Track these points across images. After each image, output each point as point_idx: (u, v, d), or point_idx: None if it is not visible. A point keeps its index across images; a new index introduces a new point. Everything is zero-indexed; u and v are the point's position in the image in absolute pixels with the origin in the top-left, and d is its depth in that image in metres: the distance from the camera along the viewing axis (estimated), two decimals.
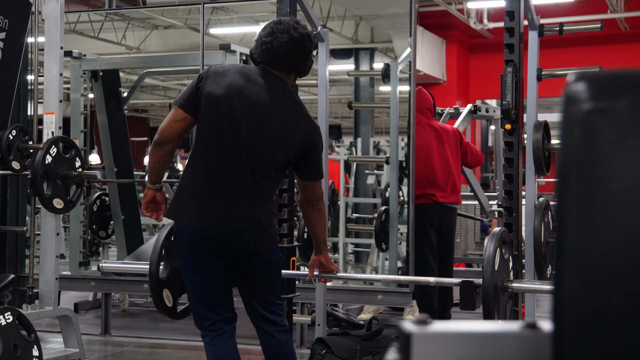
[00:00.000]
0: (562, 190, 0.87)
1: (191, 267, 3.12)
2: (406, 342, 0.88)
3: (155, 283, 3.36)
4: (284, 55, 3.07)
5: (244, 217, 3.04)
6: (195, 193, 3.04)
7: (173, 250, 3.46)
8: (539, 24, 4.51)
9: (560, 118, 0.89)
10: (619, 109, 0.86)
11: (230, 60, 5.89)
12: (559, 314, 0.87)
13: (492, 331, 0.91)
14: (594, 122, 0.86)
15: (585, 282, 0.86)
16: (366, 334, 4.35)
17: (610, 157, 0.86)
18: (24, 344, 3.91)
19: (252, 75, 3.09)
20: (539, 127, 4.24)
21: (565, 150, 0.87)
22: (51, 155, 4.31)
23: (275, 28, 3.08)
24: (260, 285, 3.23)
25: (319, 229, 3.32)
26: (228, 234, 3.05)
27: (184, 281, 3.20)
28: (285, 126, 3.06)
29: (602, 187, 0.86)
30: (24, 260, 5.43)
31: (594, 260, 0.86)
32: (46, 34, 4.63)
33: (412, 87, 4.91)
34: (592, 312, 0.86)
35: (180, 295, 3.50)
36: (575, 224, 0.87)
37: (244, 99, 3.03)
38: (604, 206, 0.86)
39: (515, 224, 4.24)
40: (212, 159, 3.03)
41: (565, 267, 0.86)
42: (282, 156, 3.08)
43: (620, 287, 0.85)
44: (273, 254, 3.22)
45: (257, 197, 3.05)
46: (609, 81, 0.90)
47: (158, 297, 3.38)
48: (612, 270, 0.85)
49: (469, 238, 7.94)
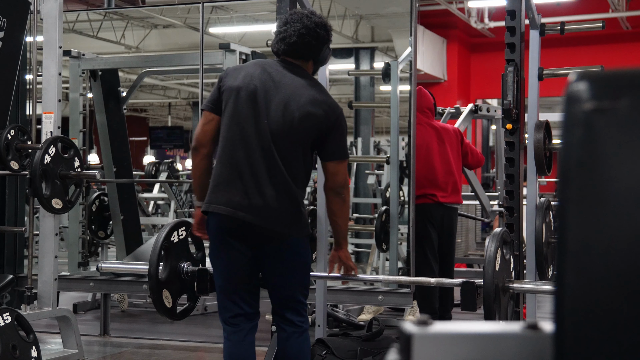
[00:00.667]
0: (564, 191, 0.87)
1: (216, 253, 3.14)
2: (407, 343, 0.88)
3: (154, 284, 3.34)
4: (298, 43, 3.14)
5: (268, 197, 3.04)
6: (221, 181, 3.09)
7: (172, 251, 3.44)
8: (540, 23, 4.50)
9: (561, 118, 0.89)
10: (620, 108, 0.85)
11: (229, 59, 5.88)
12: (560, 315, 0.86)
13: (493, 332, 0.90)
14: (596, 122, 0.86)
15: (587, 282, 0.85)
16: (367, 335, 4.34)
17: (612, 157, 0.86)
18: (23, 344, 3.89)
19: (269, 64, 3.19)
20: (540, 127, 4.23)
21: (566, 150, 0.87)
22: (50, 155, 4.29)
23: (290, 18, 3.19)
24: (283, 276, 3.17)
25: (340, 219, 3.24)
26: (251, 213, 3.03)
27: (213, 272, 3.21)
28: (307, 105, 3.09)
29: (603, 188, 0.86)
30: (23, 260, 5.42)
31: (596, 261, 0.85)
32: (45, 33, 4.61)
33: (413, 87, 4.88)
34: (594, 312, 0.85)
35: (179, 296, 3.48)
36: (577, 224, 0.86)
37: (262, 84, 3.11)
38: (605, 206, 0.85)
39: (517, 224, 4.23)
40: (236, 145, 3.08)
41: (566, 267, 0.86)
42: (305, 134, 3.08)
43: (622, 288, 0.85)
44: (300, 246, 3.16)
45: (283, 180, 3.06)
46: (610, 81, 0.90)
47: (158, 297, 3.36)
48: (614, 270, 0.85)
49: (469, 238, 7.92)
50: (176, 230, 3.53)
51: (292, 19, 3.17)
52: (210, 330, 6.02)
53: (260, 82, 3.10)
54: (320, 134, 3.10)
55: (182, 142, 17.70)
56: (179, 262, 3.53)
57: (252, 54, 6.15)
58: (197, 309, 6.44)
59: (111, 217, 6.60)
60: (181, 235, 3.55)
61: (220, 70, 6.22)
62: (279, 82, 3.11)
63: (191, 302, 3.68)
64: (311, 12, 3.23)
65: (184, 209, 9.33)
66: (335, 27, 11.33)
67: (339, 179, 3.15)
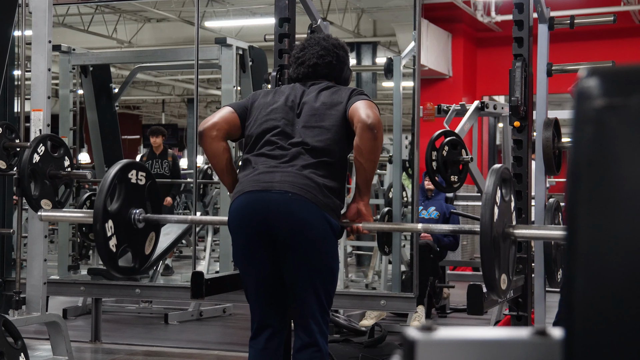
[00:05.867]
0: (573, 191, 0.86)
1: (237, 247, 2.98)
2: (410, 349, 0.86)
3: (100, 213, 3.04)
4: (319, 64, 3.17)
5: (287, 173, 2.89)
6: (244, 177, 2.98)
7: (127, 191, 3.20)
8: (549, 17, 4.47)
9: (571, 115, 0.87)
10: (632, 105, 0.84)
11: (225, 54, 5.86)
12: (570, 320, 0.84)
13: (500, 338, 0.89)
14: (607, 120, 0.84)
15: (597, 286, 0.84)
16: (368, 341, 4.34)
17: (624, 156, 0.84)
18: (11, 351, 3.86)
19: (292, 89, 3.18)
20: (549, 125, 4.18)
21: (576, 148, 0.85)
22: (39, 154, 4.24)
23: (307, 43, 3.23)
24: (299, 278, 2.92)
25: (367, 161, 2.93)
26: (270, 187, 2.87)
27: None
28: (331, 97, 3.06)
29: (614, 187, 0.84)
30: (11, 263, 5.36)
31: (606, 264, 0.84)
32: (33, 27, 4.57)
33: (417, 83, 4.84)
34: (605, 318, 0.83)
35: (124, 245, 3.19)
36: (587, 225, 0.84)
37: (287, 96, 3.10)
38: (616, 207, 0.84)
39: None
40: (261, 142, 3.01)
41: (576, 270, 0.84)
42: (331, 117, 3.00)
43: (634, 292, 0.83)
44: (325, 243, 2.90)
45: (307, 165, 2.92)
46: (622, 76, 0.88)
47: (102, 230, 3.05)
48: (625, 274, 0.83)
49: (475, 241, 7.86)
50: (136, 170, 3.30)
51: (309, 44, 3.21)
52: (206, 336, 6.01)
53: (284, 95, 3.12)
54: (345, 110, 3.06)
55: (177, 141, 17.64)
56: (131, 206, 3.27)
57: (250, 49, 6.11)
58: (192, 315, 6.39)
59: None
60: (140, 180, 3.32)
61: (216, 65, 6.16)
62: (304, 91, 3.12)
63: (136, 263, 3.32)
64: (327, 36, 3.29)
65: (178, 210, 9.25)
66: (336, 21, 11.30)
67: (370, 111, 2.93)
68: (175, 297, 5.67)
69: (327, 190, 2.89)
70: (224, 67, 5.93)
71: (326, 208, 2.87)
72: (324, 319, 2.95)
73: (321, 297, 2.91)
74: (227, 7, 11.52)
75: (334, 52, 3.17)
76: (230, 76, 5.92)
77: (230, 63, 5.92)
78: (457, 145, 5.26)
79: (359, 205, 3.05)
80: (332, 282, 2.96)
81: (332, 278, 2.96)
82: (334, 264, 2.96)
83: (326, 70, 3.17)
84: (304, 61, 3.16)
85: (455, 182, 5.29)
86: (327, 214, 2.87)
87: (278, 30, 3.84)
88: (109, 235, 3.11)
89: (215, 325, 6.41)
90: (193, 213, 5.93)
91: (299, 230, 2.85)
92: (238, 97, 6.06)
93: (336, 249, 3.00)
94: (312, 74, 3.16)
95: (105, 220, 3.10)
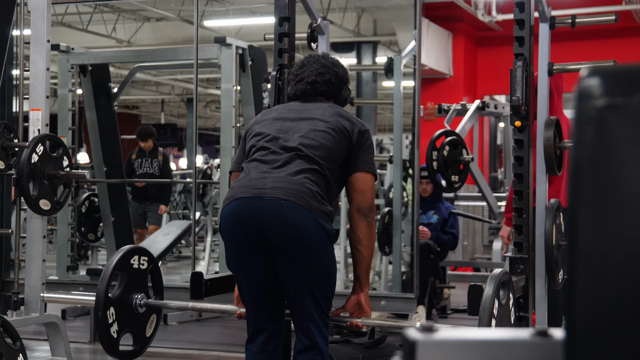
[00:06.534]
0: (574, 191, 0.86)
1: (229, 251, 2.94)
2: (411, 350, 0.87)
3: (102, 300, 3.16)
4: (318, 81, 3.17)
5: (279, 178, 2.87)
6: (236, 182, 2.98)
7: (129, 276, 3.25)
8: (550, 16, 4.44)
9: (572, 115, 0.87)
10: (634, 105, 0.84)
11: (225, 53, 5.85)
12: (571, 321, 0.85)
13: (501, 339, 0.89)
14: (608, 119, 0.84)
15: (599, 287, 0.84)
16: (369, 342, 4.30)
17: (625, 156, 0.84)
18: (9, 352, 3.81)
19: (288, 105, 3.20)
20: (550, 125, 4.15)
21: (577, 148, 0.86)
22: (37, 154, 4.22)
23: (306, 61, 3.25)
24: (296, 282, 2.89)
25: (366, 249, 2.96)
26: (262, 194, 2.84)
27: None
28: (329, 118, 3.05)
29: (616, 187, 0.84)
30: (9, 264, 5.35)
31: (608, 264, 0.84)
32: (32, 27, 4.54)
33: (417, 83, 4.83)
34: (607, 318, 0.84)
35: (125, 330, 3.27)
36: (588, 226, 0.85)
37: (283, 113, 3.12)
38: (618, 207, 0.84)
39: (526, 226, 4.15)
40: (256, 155, 3.00)
41: (577, 271, 0.85)
42: (333, 140, 2.99)
43: (635, 292, 0.83)
44: (320, 246, 2.87)
45: (301, 170, 2.90)
46: (623, 76, 0.88)
47: (103, 317, 3.16)
48: (627, 274, 0.83)
49: (476, 241, 7.86)
50: (138, 255, 3.35)
51: (308, 61, 3.22)
52: (205, 337, 5.99)
53: (280, 114, 3.13)
54: (344, 148, 3.05)
55: (176, 141, 17.62)
56: (133, 292, 3.33)
57: (249, 48, 6.10)
58: (191, 315, 6.37)
59: (101, 219, 6.62)
60: (142, 265, 3.36)
61: (215, 65, 6.14)
62: (299, 107, 3.13)
63: (137, 346, 3.39)
64: (326, 54, 3.30)
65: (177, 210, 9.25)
66: (336, 20, 11.28)
67: (367, 196, 3.00)
68: (175, 298, 5.64)
69: (319, 196, 2.87)
70: (223, 67, 5.92)
71: (319, 213, 2.84)
72: (324, 321, 2.92)
73: (319, 300, 2.88)
74: (227, 6, 11.50)
75: (333, 71, 3.19)
76: (229, 76, 5.91)
77: (229, 62, 5.91)
78: (457, 145, 5.25)
79: (359, 298, 3.02)
80: (329, 284, 2.92)
81: (329, 280, 2.92)
82: (330, 267, 2.91)
83: (325, 88, 3.17)
84: (303, 78, 3.18)
85: (456, 182, 5.29)
86: (320, 219, 2.84)
87: (278, 29, 3.82)
88: (110, 322, 3.20)
89: (215, 326, 6.39)
90: (192, 213, 5.91)
91: (292, 234, 2.82)
92: (238, 96, 6.04)
93: (332, 252, 2.95)
94: (311, 91, 3.17)
95: (107, 308, 3.20)
